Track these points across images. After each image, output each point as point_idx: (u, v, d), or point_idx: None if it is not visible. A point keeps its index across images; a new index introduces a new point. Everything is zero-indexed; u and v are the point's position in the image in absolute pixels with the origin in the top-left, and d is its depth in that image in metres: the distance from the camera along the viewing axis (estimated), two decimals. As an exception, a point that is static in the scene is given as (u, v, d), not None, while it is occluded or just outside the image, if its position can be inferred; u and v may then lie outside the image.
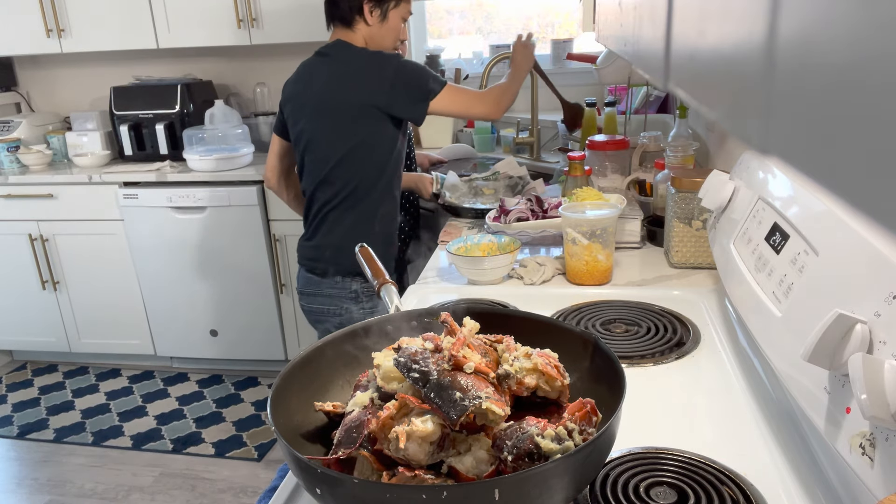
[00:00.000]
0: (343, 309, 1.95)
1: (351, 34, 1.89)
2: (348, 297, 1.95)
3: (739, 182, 1.22)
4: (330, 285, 1.95)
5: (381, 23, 1.86)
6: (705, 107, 0.39)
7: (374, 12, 1.83)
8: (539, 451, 0.69)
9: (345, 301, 1.95)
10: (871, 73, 0.19)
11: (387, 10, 1.84)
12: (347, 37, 1.90)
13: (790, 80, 0.26)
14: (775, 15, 0.27)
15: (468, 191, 2.23)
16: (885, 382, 0.58)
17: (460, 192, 2.21)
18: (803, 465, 0.85)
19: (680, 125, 1.83)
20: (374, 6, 1.83)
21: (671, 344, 1.20)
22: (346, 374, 0.93)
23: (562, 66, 3.25)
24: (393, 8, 1.84)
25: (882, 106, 0.19)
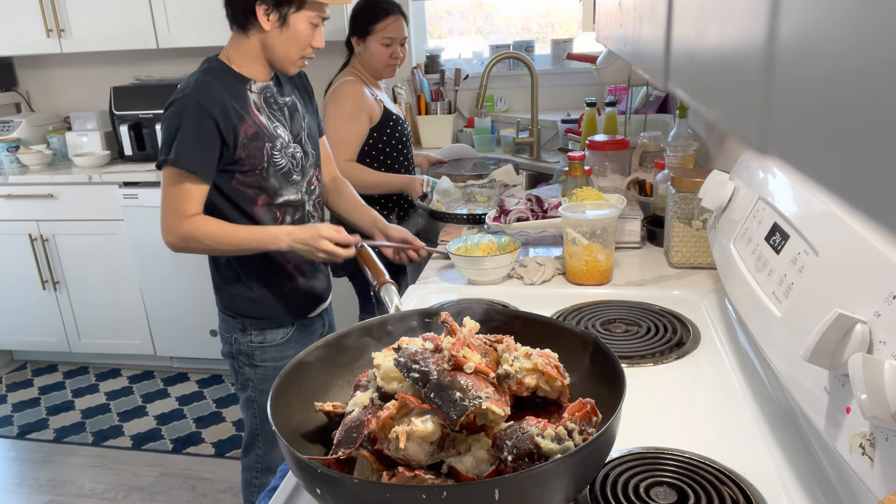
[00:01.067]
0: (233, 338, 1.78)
1: (245, 40, 1.59)
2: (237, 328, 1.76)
3: (739, 182, 1.22)
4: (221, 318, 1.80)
5: (281, 29, 1.55)
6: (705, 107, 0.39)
7: (271, 16, 1.53)
8: (539, 451, 0.69)
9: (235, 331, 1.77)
10: (871, 73, 0.19)
11: (286, 14, 1.53)
12: (239, 43, 1.60)
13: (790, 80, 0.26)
14: (775, 15, 0.27)
15: (461, 196, 2.17)
16: (885, 382, 0.58)
17: (452, 197, 2.15)
18: (803, 465, 0.85)
19: (680, 125, 1.83)
20: (269, 9, 1.53)
21: (671, 344, 1.20)
22: (346, 374, 0.93)
23: (562, 66, 3.25)
24: (294, 12, 1.53)
25: (882, 106, 0.19)
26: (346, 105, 2.26)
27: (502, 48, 3.29)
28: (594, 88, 3.08)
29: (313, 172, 1.73)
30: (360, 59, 2.33)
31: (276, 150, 1.61)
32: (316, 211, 1.75)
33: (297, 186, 1.68)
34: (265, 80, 1.63)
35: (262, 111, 1.61)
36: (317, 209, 1.75)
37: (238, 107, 1.56)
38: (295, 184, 1.67)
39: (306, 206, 1.70)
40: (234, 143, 1.53)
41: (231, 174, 1.57)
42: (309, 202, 1.71)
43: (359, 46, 2.30)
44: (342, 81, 2.31)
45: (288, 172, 1.64)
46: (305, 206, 1.70)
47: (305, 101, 1.77)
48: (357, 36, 2.29)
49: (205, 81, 1.55)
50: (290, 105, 1.69)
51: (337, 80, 2.35)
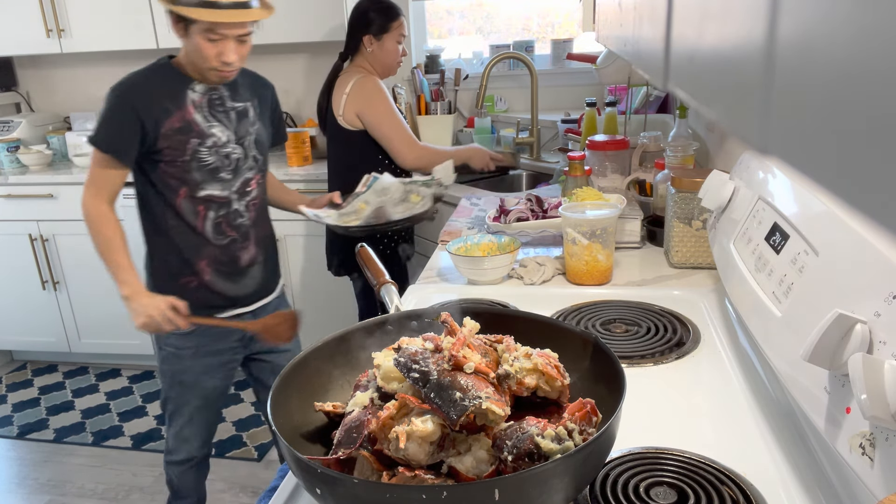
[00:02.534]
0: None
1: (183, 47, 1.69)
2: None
3: (739, 182, 1.22)
4: None
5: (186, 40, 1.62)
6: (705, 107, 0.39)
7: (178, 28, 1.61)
8: (539, 451, 0.69)
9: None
10: (871, 74, 0.19)
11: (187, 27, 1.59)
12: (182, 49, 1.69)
13: (790, 81, 0.26)
14: (775, 15, 0.27)
15: (400, 196, 2.00)
16: (885, 382, 0.58)
17: (389, 196, 1.97)
18: (803, 465, 0.85)
19: (680, 125, 1.83)
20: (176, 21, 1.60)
21: (671, 344, 1.20)
22: (346, 374, 0.93)
23: (562, 66, 3.25)
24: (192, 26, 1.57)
25: (881, 106, 0.19)
26: (384, 100, 2.32)
27: (502, 48, 3.29)
28: (594, 88, 3.08)
29: (253, 176, 1.80)
30: (372, 57, 2.35)
31: (205, 147, 1.70)
32: (247, 211, 1.79)
33: (226, 185, 1.74)
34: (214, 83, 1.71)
35: (201, 110, 1.70)
36: (249, 210, 1.80)
37: (169, 101, 1.66)
38: (222, 181, 1.74)
39: (233, 205, 1.77)
40: (156, 132, 1.64)
41: (156, 163, 1.68)
42: (239, 202, 1.78)
43: (372, 45, 2.32)
44: (360, 78, 2.31)
45: (215, 170, 1.72)
46: (232, 205, 1.76)
47: (263, 111, 1.84)
48: (372, 34, 2.31)
49: (139, 74, 1.70)
50: (240, 110, 1.77)
51: (347, 78, 2.33)
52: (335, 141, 2.42)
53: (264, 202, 1.89)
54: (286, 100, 3.57)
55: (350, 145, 2.37)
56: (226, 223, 1.76)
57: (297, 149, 3.08)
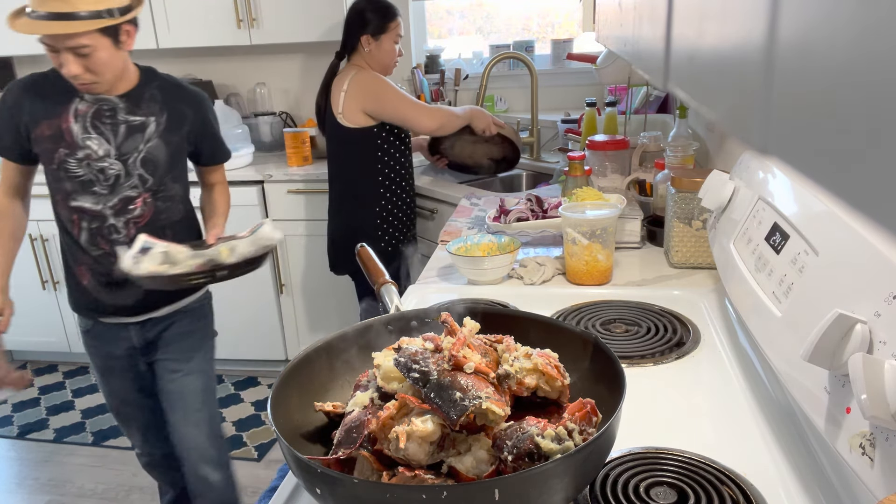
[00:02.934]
0: None
1: None
2: None
3: (739, 182, 1.22)
4: None
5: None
6: (705, 107, 0.39)
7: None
8: (539, 451, 0.69)
9: None
10: (871, 74, 0.19)
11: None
12: None
13: (789, 81, 0.26)
14: (775, 16, 0.27)
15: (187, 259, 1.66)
16: (885, 382, 0.58)
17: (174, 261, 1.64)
18: (803, 465, 0.85)
19: (680, 125, 1.83)
20: None
21: (671, 344, 1.20)
22: (346, 374, 0.93)
23: (562, 66, 3.25)
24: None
25: (881, 106, 0.19)
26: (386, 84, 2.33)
27: (502, 48, 3.29)
28: (594, 88, 3.08)
29: (138, 195, 1.68)
30: (369, 57, 2.36)
31: (75, 159, 1.64)
32: (126, 229, 1.69)
33: (100, 199, 1.67)
34: (107, 93, 1.64)
35: (82, 120, 1.63)
36: (129, 227, 1.69)
37: (46, 107, 1.62)
38: (96, 195, 1.66)
39: (108, 220, 1.68)
40: (28, 135, 1.64)
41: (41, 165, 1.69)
42: (116, 218, 1.68)
43: (370, 45, 2.33)
44: (357, 74, 2.32)
45: (88, 182, 1.65)
46: (107, 220, 1.68)
47: (173, 128, 1.70)
48: (371, 34, 2.32)
49: (39, 74, 1.67)
50: (134, 124, 1.67)
51: (344, 76, 2.33)
52: (335, 140, 2.42)
53: (161, 222, 1.73)
54: (286, 99, 3.58)
55: (350, 143, 2.37)
56: (100, 236, 1.69)
57: (297, 149, 3.08)
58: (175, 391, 1.87)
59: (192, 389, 1.87)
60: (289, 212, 3.06)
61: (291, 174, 3.00)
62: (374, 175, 2.39)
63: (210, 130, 1.82)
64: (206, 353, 1.92)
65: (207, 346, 1.93)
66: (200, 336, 1.90)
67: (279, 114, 3.50)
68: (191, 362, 1.87)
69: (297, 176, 3.00)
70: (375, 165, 2.38)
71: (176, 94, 1.75)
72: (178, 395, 1.87)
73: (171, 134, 1.72)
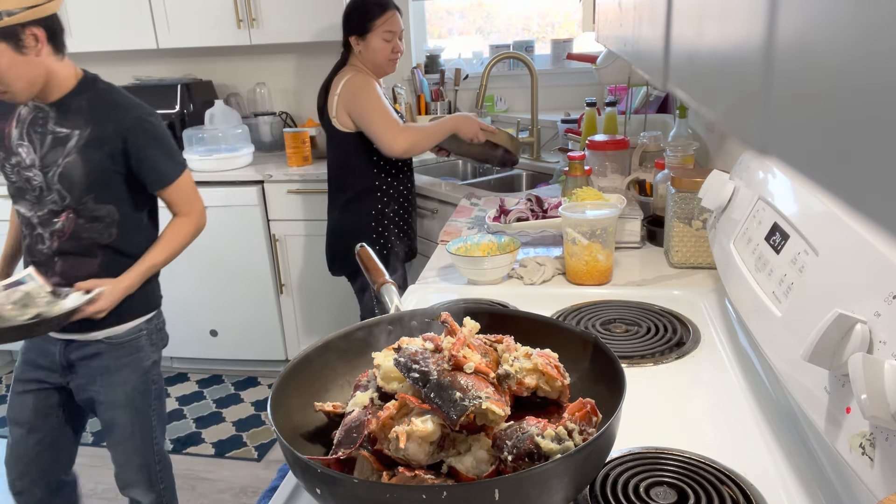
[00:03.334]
0: None
1: None
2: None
3: (739, 182, 1.22)
4: None
5: None
6: (705, 107, 0.39)
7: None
8: (539, 451, 0.69)
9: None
10: (870, 74, 0.19)
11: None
12: None
13: (789, 81, 0.26)
14: (774, 16, 0.27)
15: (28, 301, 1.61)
16: (885, 382, 0.58)
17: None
18: (803, 465, 0.85)
19: (680, 125, 1.83)
20: None
21: (671, 344, 1.20)
22: (346, 374, 0.93)
23: (562, 66, 3.25)
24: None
25: (880, 106, 0.19)
26: (369, 92, 2.28)
27: (502, 48, 3.29)
28: (594, 88, 3.08)
29: (61, 210, 1.62)
30: (362, 58, 2.34)
31: (9, 164, 1.63)
32: (50, 240, 1.65)
33: (32, 207, 1.65)
34: (39, 100, 1.60)
35: (21, 125, 1.62)
36: (52, 240, 1.65)
37: (2, 108, 1.64)
38: (28, 202, 1.65)
39: (37, 229, 1.66)
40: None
41: None
42: (43, 228, 1.65)
43: (358, 45, 2.31)
44: (350, 77, 2.30)
45: (21, 190, 1.65)
46: (36, 229, 1.66)
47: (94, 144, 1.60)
48: (356, 35, 2.30)
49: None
50: (59, 136, 1.60)
51: (340, 78, 2.33)
52: (331, 142, 2.43)
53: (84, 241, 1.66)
54: (286, 99, 3.58)
55: (344, 146, 2.37)
56: (32, 243, 1.68)
57: (297, 149, 3.08)
58: (104, 421, 1.83)
59: (120, 423, 1.81)
60: (289, 212, 3.06)
61: (291, 174, 3.00)
62: (368, 177, 2.38)
63: (144, 152, 1.65)
64: (137, 387, 1.80)
65: (141, 381, 1.81)
66: (129, 371, 1.78)
67: (279, 114, 3.50)
68: (117, 396, 1.78)
69: (297, 176, 3.00)
70: (371, 169, 2.38)
71: (104, 109, 1.62)
72: (106, 425, 1.83)
73: (91, 150, 1.59)
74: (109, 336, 1.75)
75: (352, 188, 2.41)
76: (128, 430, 1.83)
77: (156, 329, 1.85)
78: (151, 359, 1.84)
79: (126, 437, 1.83)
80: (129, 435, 1.83)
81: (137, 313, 1.78)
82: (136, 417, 1.82)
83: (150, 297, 1.81)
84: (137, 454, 1.86)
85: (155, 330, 1.85)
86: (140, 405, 1.83)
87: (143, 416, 1.84)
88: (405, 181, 2.48)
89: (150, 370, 1.84)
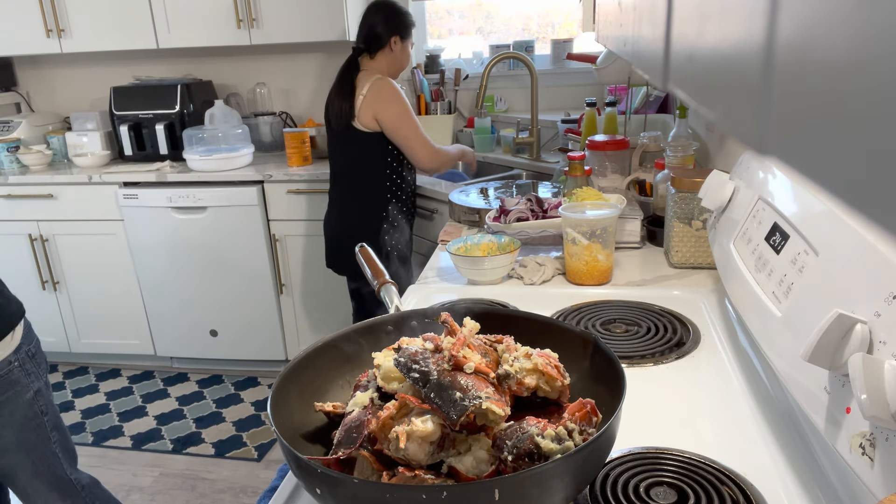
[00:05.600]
0: None
1: None
2: None
3: (739, 182, 1.22)
4: None
5: None
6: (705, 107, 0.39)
7: None
8: (539, 451, 0.69)
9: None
10: (871, 73, 0.19)
11: None
12: None
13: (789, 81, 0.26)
14: (774, 15, 0.27)
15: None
16: (885, 382, 0.58)
17: None
18: (803, 465, 0.85)
19: (680, 125, 1.83)
20: None
21: (671, 344, 1.20)
22: (346, 374, 0.93)
23: (562, 66, 3.25)
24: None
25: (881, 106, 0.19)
26: (403, 103, 2.36)
27: (502, 48, 3.29)
28: (594, 88, 3.08)
29: None
30: (391, 57, 2.40)
31: None
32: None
33: None
34: None
35: None
36: None
37: None
38: None
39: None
40: None
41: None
42: None
43: (396, 46, 2.38)
44: (379, 79, 2.34)
45: None
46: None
47: None
48: (400, 35, 2.38)
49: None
50: None
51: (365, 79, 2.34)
52: (343, 139, 2.42)
53: None
54: (286, 99, 3.58)
55: (359, 144, 2.38)
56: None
57: (297, 149, 3.08)
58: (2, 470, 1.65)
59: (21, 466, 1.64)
60: (289, 212, 3.06)
61: (291, 174, 3.01)
62: (378, 177, 2.40)
63: None
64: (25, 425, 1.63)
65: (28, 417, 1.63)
66: (11, 410, 1.60)
67: (279, 114, 3.50)
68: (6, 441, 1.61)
69: (297, 176, 3.00)
70: (383, 169, 2.40)
71: None
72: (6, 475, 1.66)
73: None
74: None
75: (359, 186, 2.42)
76: (30, 471, 1.66)
77: (28, 356, 1.63)
78: (32, 389, 1.63)
79: (32, 477, 1.67)
80: (35, 474, 1.67)
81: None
82: (36, 455, 1.66)
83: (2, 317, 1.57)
84: (54, 491, 1.70)
85: (27, 358, 1.63)
86: (36, 442, 1.66)
87: (45, 452, 1.68)
88: (410, 182, 2.51)
89: (34, 402, 1.64)
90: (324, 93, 2.62)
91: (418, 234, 2.73)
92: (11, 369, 1.59)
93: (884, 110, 0.19)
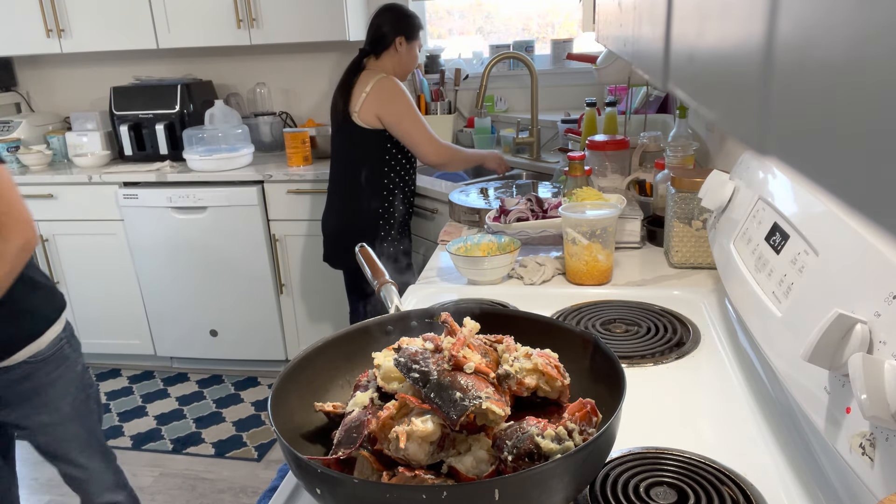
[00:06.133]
0: None
1: None
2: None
3: (739, 182, 1.22)
4: None
5: None
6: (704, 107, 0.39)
7: None
8: (539, 451, 0.69)
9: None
10: (871, 73, 0.19)
11: None
12: None
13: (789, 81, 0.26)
14: (774, 15, 0.27)
15: None
16: (885, 382, 0.58)
17: None
18: (803, 465, 0.85)
19: (680, 125, 1.83)
20: None
21: (671, 344, 1.20)
22: (346, 374, 0.93)
23: (562, 66, 3.25)
24: None
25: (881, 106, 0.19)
26: (406, 100, 2.36)
27: (502, 48, 3.29)
28: (594, 88, 3.08)
29: None
30: (398, 58, 2.40)
31: None
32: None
33: None
34: None
35: None
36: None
37: None
38: None
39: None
40: None
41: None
42: None
43: (403, 47, 2.39)
44: (383, 78, 2.34)
45: None
46: None
47: None
48: (405, 36, 2.39)
49: None
50: None
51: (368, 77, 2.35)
52: (346, 136, 2.42)
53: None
54: (286, 99, 3.58)
55: (360, 142, 2.38)
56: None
57: (297, 149, 3.08)
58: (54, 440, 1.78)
59: (76, 434, 1.79)
60: (289, 212, 3.06)
61: (291, 174, 3.01)
62: (379, 175, 2.41)
63: None
64: (78, 396, 1.76)
65: (76, 386, 1.76)
66: (65, 382, 1.72)
67: (279, 114, 3.50)
68: (60, 411, 1.73)
69: (297, 176, 3.00)
70: (382, 167, 2.40)
71: None
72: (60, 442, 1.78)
73: None
74: (33, 354, 1.64)
75: (360, 184, 2.43)
76: (84, 440, 1.81)
77: (71, 334, 1.77)
78: (80, 363, 1.78)
79: (85, 446, 1.82)
80: (87, 444, 1.83)
81: (52, 320, 1.69)
82: (88, 425, 1.81)
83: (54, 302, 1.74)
84: (101, 459, 1.87)
85: (71, 335, 1.77)
86: (86, 412, 1.81)
87: (93, 421, 1.84)
88: (410, 181, 2.51)
89: (83, 375, 1.78)
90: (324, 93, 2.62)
91: (418, 234, 2.73)
92: (62, 346, 1.72)
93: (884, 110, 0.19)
